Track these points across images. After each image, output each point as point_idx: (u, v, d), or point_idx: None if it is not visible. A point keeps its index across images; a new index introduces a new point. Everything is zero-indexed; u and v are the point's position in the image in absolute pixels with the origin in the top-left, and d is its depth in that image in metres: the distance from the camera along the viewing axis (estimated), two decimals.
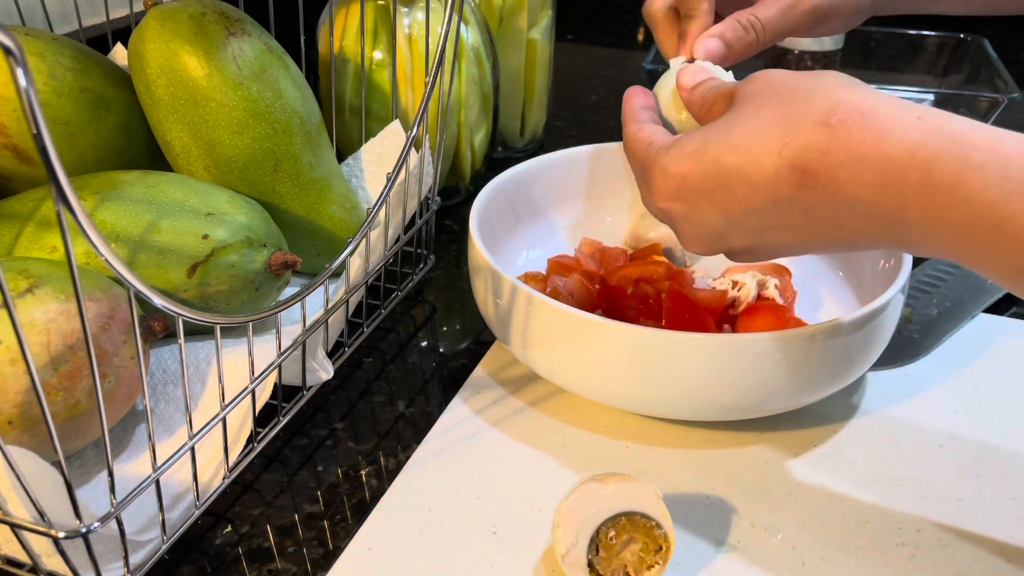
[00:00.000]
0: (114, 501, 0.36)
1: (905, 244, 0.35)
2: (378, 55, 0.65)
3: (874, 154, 0.33)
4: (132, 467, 0.44)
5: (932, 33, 0.94)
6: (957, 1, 0.55)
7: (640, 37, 1.21)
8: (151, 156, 0.55)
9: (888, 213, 0.34)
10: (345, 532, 0.43)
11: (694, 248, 0.41)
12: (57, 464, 0.34)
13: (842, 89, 0.36)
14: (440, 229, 0.70)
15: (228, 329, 0.51)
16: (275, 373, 0.45)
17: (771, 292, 0.52)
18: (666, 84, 0.47)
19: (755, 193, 0.37)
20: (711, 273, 0.59)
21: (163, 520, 0.40)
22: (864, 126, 0.34)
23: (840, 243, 0.37)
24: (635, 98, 0.46)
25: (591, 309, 0.51)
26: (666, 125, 0.46)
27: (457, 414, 0.50)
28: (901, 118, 0.34)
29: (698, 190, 0.38)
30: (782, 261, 0.57)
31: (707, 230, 0.39)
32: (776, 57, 0.98)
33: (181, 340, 0.37)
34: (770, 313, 0.51)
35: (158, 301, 0.33)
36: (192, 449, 0.40)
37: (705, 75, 0.44)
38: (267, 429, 0.47)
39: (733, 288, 0.53)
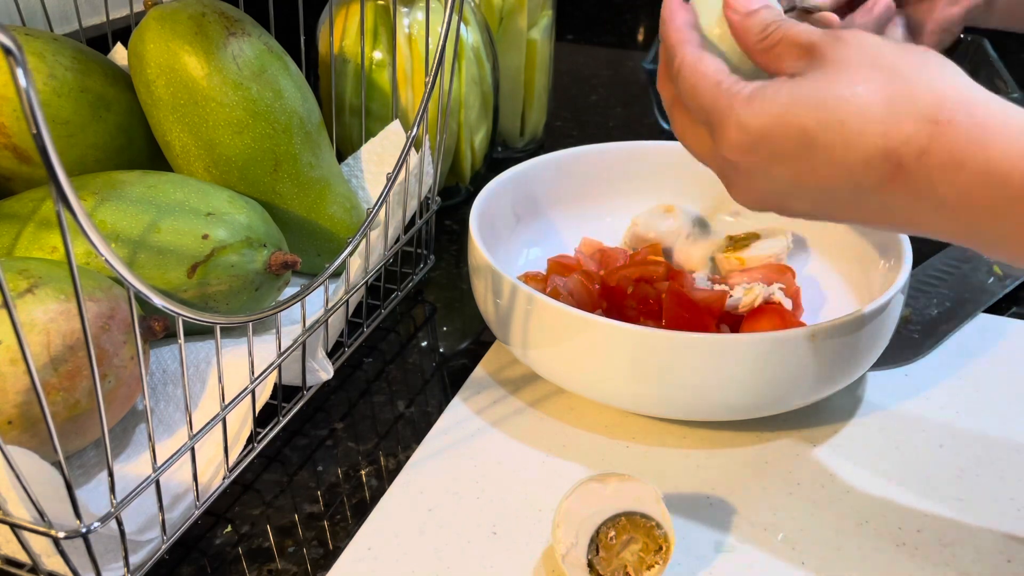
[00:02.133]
0: (114, 501, 0.36)
1: (981, 247, 0.34)
2: (378, 55, 0.65)
3: (975, 160, 0.32)
4: (132, 467, 0.44)
5: None
6: None
7: (640, 37, 1.21)
8: (151, 156, 0.55)
9: (975, 220, 0.33)
10: (345, 532, 0.43)
11: (744, 201, 0.39)
12: (57, 464, 0.34)
13: (950, 80, 0.34)
14: (440, 229, 0.70)
15: (228, 329, 0.51)
16: (275, 373, 0.45)
17: (777, 297, 0.52)
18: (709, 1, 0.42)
19: (838, 173, 0.34)
20: (711, 274, 0.59)
21: (163, 520, 0.40)
22: (971, 127, 0.32)
23: (906, 231, 0.36)
24: (679, 14, 0.41)
25: (591, 309, 0.51)
26: (707, 44, 0.41)
27: (457, 414, 0.50)
28: (1010, 123, 0.32)
29: (775, 153, 0.36)
30: (784, 261, 0.57)
31: (769, 191, 0.37)
32: None
33: (181, 340, 0.37)
34: (776, 316, 0.50)
35: (158, 301, 0.33)
36: (192, 449, 0.40)
37: (759, 2, 0.40)
38: (267, 429, 0.47)
39: (741, 292, 0.53)
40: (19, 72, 0.25)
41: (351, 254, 0.48)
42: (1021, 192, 0.31)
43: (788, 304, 0.53)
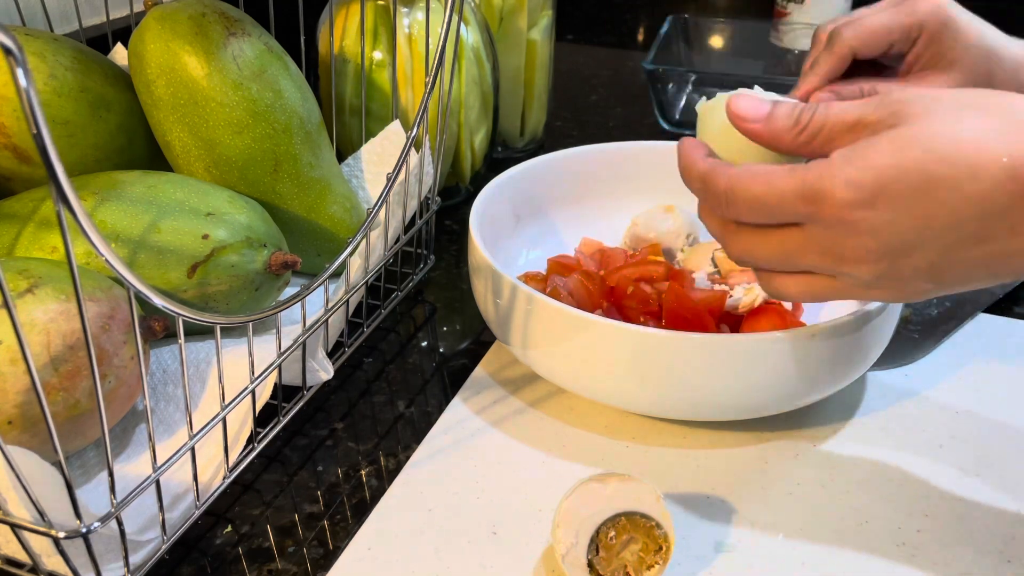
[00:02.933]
0: (114, 501, 0.36)
1: None
2: (378, 55, 0.65)
3: None
4: (132, 467, 0.44)
5: None
6: None
7: (640, 37, 1.21)
8: (151, 156, 0.55)
9: None
10: (345, 532, 0.43)
11: (861, 268, 0.36)
12: (57, 464, 0.34)
13: None
14: (440, 229, 0.70)
15: (228, 329, 0.51)
16: (275, 373, 0.45)
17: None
18: (714, 121, 0.40)
19: (965, 205, 0.34)
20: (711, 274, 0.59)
21: (163, 520, 0.40)
22: None
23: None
24: (697, 150, 0.40)
25: (591, 309, 0.51)
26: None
27: (457, 414, 0.50)
28: None
29: (897, 204, 0.35)
30: None
31: (895, 244, 0.35)
32: (775, 56, 0.98)
33: (181, 340, 0.37)
34: (776, 316, 0.50)
35: (158, 301, 0.33)
36: (192, 449, 0.40)
37: (769, 103, 0.39)
38: (267, 429, 0.47)
39: (741, 292, 0.53)
40: (19, 72, 0.25)
41: (351, 254, 0.48)
42: None
43: (788, 304, 0.53)
